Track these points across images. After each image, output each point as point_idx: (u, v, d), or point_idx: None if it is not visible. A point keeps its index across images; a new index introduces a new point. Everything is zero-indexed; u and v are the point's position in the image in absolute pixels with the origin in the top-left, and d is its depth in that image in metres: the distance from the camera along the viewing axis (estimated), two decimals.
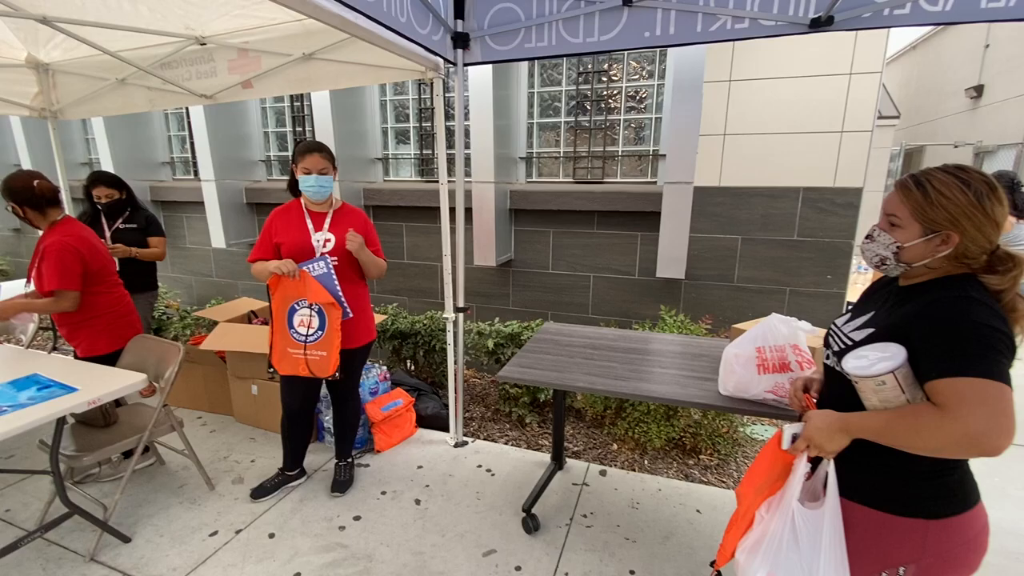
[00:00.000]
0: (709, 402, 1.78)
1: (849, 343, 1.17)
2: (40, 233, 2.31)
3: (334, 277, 2.12)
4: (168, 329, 4.08)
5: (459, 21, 2.39)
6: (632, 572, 2.01)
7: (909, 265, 1.11)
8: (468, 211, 3.54)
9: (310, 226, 2.15)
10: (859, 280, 3.51)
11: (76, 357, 2.40)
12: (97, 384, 1.91)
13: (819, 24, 2.00)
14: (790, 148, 3.05)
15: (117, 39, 2.83)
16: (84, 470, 2.51)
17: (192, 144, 4.53)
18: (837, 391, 1.18)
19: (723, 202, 3.25)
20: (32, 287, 2.29)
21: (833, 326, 1.29)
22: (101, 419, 2.26)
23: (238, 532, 2.22)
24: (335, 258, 2.15)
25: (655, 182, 3.54)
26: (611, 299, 3.64)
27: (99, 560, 2.04)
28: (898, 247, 1.10)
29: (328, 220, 2.19)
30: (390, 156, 4.19)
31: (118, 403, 2.47)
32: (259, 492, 2.44)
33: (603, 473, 2.68)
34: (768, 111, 3.06)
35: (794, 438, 1.18)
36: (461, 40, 2.41)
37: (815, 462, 1.18)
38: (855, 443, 1.09)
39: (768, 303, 3.23)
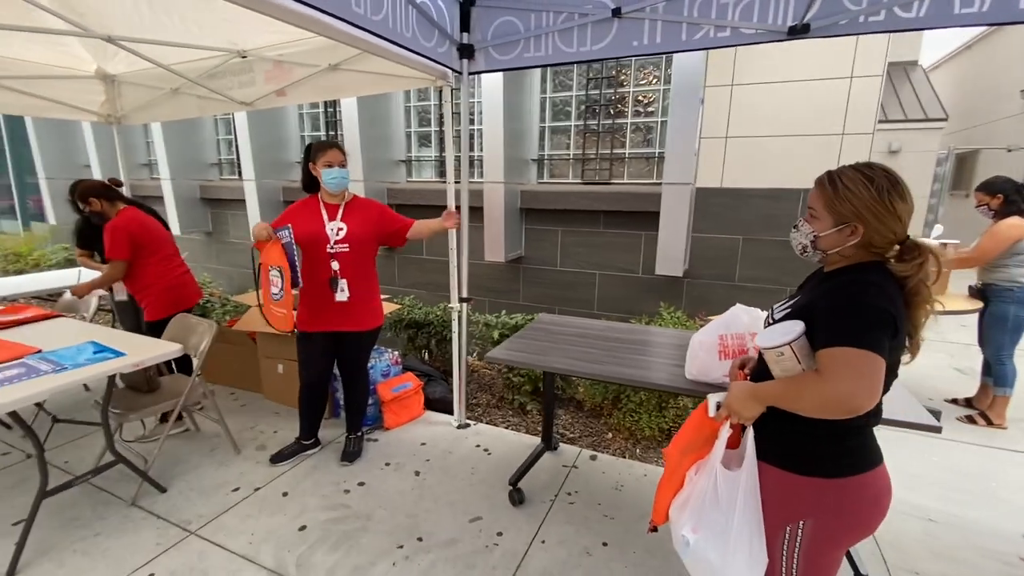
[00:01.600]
0: (673, 384, 1.92)
1: (772, 322, 1.30)
2: None
3: (295, 247, 2.29)
4: (211, 315, 4.48)
5: (465, 34, 2.61)
6: (605, 544, 2.15)
7: (825, 253, 1.24)
8: (481, 210, 3.75)
9: (324, 217, 2.42)
10: None
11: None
12: (141, 351, 2.22)
13: (796, 32, 2.10)
14: (791, 150, 3.10)
15: (171, 54, 3.21)
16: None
17: (236, 147, 4.95)
18: (762, 366, 1.31)
19: (725, 203, 3.33)
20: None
21: (770, 310, 1.42)
22: (145, 385, 2.60)
23: (256, 490, 2.50)
24: (346, 245, 2.40)
25: (660, 183, 3.65)
26: (616, 296, 3.77)
27: (139, 505, 2.36)
28: (815, 236, 1.23)
29: (341, 211, 2.44)
30: (413, 158, 4.47)
31: (161, 372, 2.82)
32: (278, 457, 2.72)
33: (593, 458, 2.82)
34: (769, 114, 3.13)
35: (718, 407, 1.33)
36: (466, 51, 2.63)
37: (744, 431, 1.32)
38: (770, 411, 1.22)
39: (768, 302, 3.25)
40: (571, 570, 2.01)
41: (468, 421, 3.19)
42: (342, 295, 2.42)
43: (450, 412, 3.26)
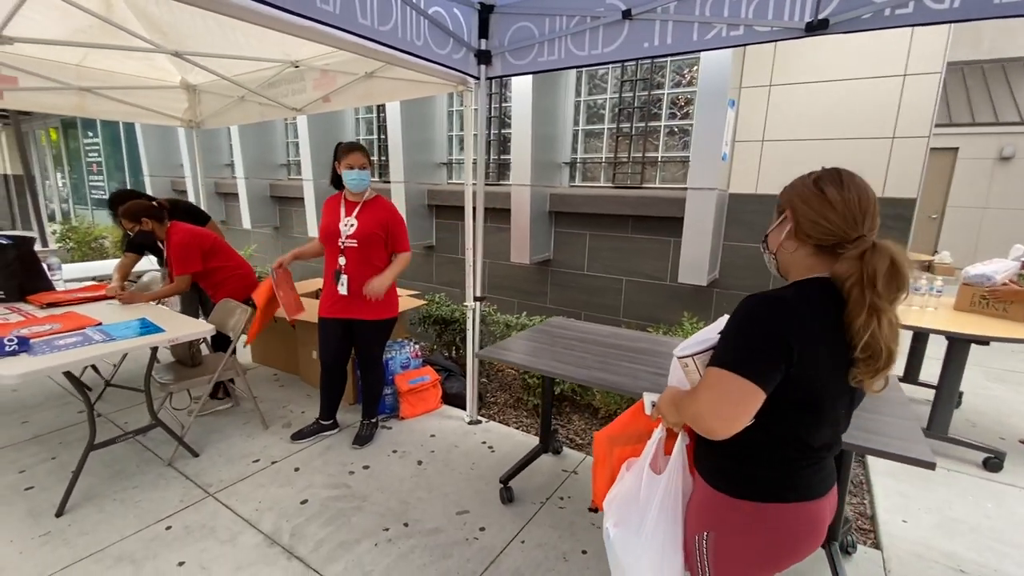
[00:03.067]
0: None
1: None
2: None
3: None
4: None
5: (483, 40, 2.69)
6: (584, 552, 2.13)
7: (773, 253, 1.16)
8: (508, 212, 3.82)
9: (342, 212, 2.60)
10: (915, 301, 3.13)
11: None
12: (179, 329, 2.51)
13: (814, 29, 1.96)
14: (834, 155, 2.87)
15: (237, 66, 3.58)
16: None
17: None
18: None
19: (759, 210, 3.14)
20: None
21: None
22: (190, 360, 2.92)
23: (273, 463, 2.72)
24: (354, 241, 2.56)
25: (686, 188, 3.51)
26: (642, 303, 3.67)
27: (174, 466, 2.66)
28: (766, 234, 1.19)
29: (357, 209, 2.61)
30: (454, 161, 4.62)
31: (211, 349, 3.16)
32: (298, 435, 2.94)
33: None
34: (810, 116, 2.92)
35: (653, 405, 1.31)
36: (484, 57, 2.70)
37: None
38: None
39: None
40: (543, 573, 2.01)
41: (480, 418, 3.25)
42: (342, 288, 2.59)
43: (466, 408, 3.35)
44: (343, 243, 2.58)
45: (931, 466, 1.42)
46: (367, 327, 2.71)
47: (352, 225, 2.57)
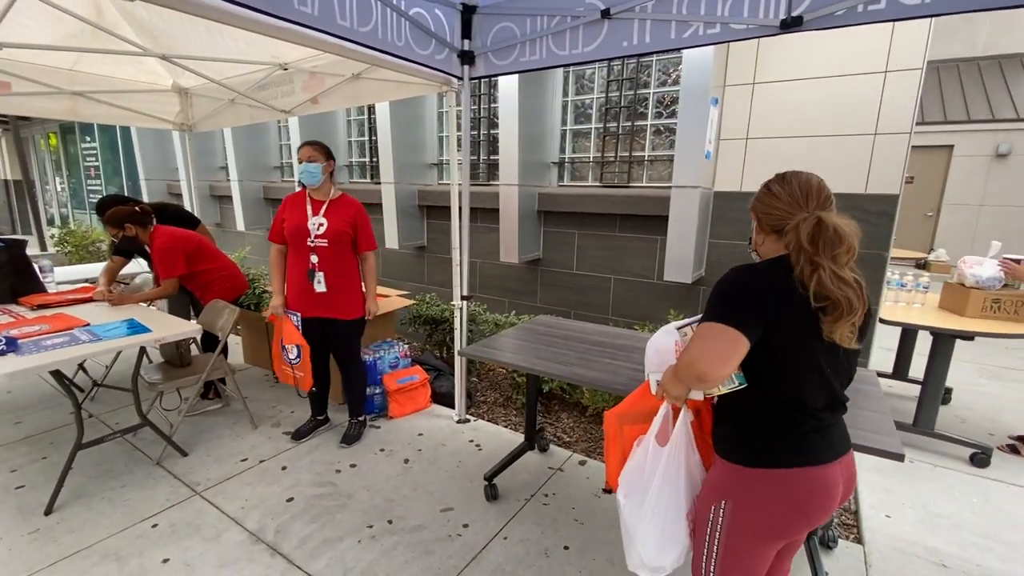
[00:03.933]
0: (630, 388, 1.87)
1: None
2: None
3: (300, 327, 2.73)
4: (264, 305, 4.92)
5: (466, 40, 2.71)
6: (566, 547, 2.14)
7: (755, 250, 1.32)
8: (497, 211, 3.84)
9: (309, 211, 2.61)
10: (901, 298, 3.14)
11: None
12: (165, 329, 2.53)
13: (788, 26, 1.98)
14: (817, 152, 2.88)
15: (225, 69, 3.61)
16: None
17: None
18: None
19: (744, 208, 3.13)
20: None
21: None
22: (178, 360, 2.94)
23: (261, 462, 2.74)
24: (325, 240, 2.58)
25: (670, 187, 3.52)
26: (630, 302, 3.69)
27: (162, 464, 2.68)
28: (749, 238, 1.35)
29: (325, 207, 2.62)
30: (444, 161, 4.64)
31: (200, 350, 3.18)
32: (297, 435, 2.95)
33: (582, 463, 2.79)
34: (794, 114, 2.93)
35: (657, 384, 1.35)
36: (467, 57, 2.72)
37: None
38: (717, 403, 1.27)
39: None
40: (524, 569, 2.02)
41: (468, 417, 3.27)
42: (319, 286, 2.61)
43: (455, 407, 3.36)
44: (313, 242, 2.59)
45: (900, 458, 1.44)
46: (342, 326, 2.73)
47: (322, 225, 2.58)
